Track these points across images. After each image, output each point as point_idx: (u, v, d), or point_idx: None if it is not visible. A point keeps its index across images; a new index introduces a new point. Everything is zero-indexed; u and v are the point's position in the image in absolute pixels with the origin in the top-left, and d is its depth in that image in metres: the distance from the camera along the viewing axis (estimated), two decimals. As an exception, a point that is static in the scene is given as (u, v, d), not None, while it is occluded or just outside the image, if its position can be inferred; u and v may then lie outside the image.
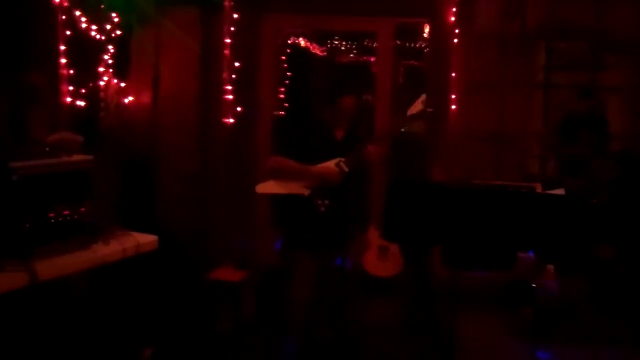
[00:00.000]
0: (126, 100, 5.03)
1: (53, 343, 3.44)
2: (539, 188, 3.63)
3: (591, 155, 5.66)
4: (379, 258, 6.07)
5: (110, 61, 4.76)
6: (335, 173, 4.14)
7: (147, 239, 4.00)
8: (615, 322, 4.34)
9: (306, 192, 4.16)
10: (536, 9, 6.44)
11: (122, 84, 4.96)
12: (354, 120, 4.37)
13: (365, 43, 8.92)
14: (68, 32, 4.27)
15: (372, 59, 8.61)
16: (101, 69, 4.72)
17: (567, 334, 4.25)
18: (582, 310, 4.18)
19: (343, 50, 9.04)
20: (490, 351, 4.54)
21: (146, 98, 5.26)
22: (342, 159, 4.18)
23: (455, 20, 6.05)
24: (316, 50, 8.52)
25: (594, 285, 4.29)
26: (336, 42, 8.91)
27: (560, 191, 3.33)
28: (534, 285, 3.49)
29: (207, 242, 5.62)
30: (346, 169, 4.17)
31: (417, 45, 8.62)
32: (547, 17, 6.42)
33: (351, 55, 9.00)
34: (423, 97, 4.40)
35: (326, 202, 4.18)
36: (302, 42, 8.04)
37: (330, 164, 4.17)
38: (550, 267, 3.40)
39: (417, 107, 4.36)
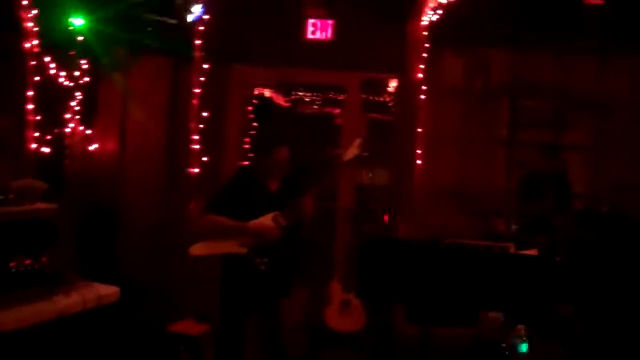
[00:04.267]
0: (91, 148, 4.95)
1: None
2: (512, 248, 3.63)
3: (554, 214, 5.74)
4: (341, 313, 6.00)
5: (77, 108, 4.69)
6: (272, 228, 3.97)
7: (108, 290, 3.94)
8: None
9: (243, 250, 3.99)
10: (500, 68, 6.58)
11: (88, 132, 4.88)
12: (289, 172, 4.22)
13: (330, 95, 8.99)
14: (37, 78, 4.20)
15: (336, 111, 8.71)
16: (68, 116, 4.66)
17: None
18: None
19: (306, 101, 9.09)
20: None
21: (112, 146, 5.19)
22: (279, 213, 4.01)
23: (422, 77, 6.13)
24: (280, 100, 8.57)
25: (559, 346, 4.31)
26: (300, 94, 8.95)
27: (533, 252, 3.35)
28: (503, 345, 3.48)
29: (169, 295, 5.50)
30: (284, 223, 4.00)
31: (382, 99, 8.71)
32: (511, 75, 6.56)
33: (314, 106, 9.05)
34: (358, 141, 4.29)
35: (265, 259, 4.01)
36: (266, 92, 8.08)
37: (267, 218, 4.00)
38: (521, 327, 3.41)
39: (352, 152, 4.23)
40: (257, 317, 4.18)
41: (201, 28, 5.50)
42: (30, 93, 4.20)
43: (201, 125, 5.61)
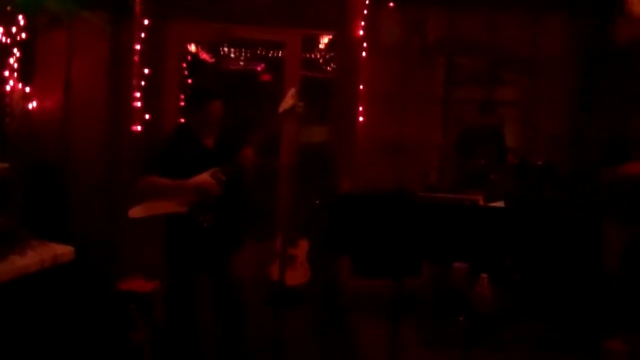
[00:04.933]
0: (30, 106, 4.80)
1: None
2: (481, 201, 3.73)
3: (490, 168, 5.93)
4: (287, 267, 6.06)
5: (15, 65, 4.54)
6: (212, 184, 3.92)
7: (64, 250, 3.89)
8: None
9: (184, 209, 3.95)
10: (437, 26, 6.68)
11: (27, 89, 4.73)
12: (224, 126, 4.17)
13: (257, 52, 8.96)
14: (-26, 35, 4.05)
15: (259, 67, 8.70)
16: (6, 74, 4.50)
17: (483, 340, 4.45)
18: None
19: (232, 57, 9.03)
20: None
21: (53, 104, 5.04)
22: (218, 169, 3.98)
23: (362, 34, 6.18)
24: (205, 56, 8.50)
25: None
26: (226, 50, 8.89)
27: (500, 204, 3.46)
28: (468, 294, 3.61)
29: (117, 252, 5.44)
30: (223, 178, 3.97)
31: (314, 56, 8.73)
32: (446, 33, 6.68)
33: (240, 62, 9.00)
34: (292, 91, 4.25)
35: (208, 216, 3.99)
36: (192, 48, 7.98)
37: (206, 175, 3.95)
38: (484, 276, 3.53)
39: (288, 102, 4.22)
40: (207, 274, 4.16)
41: (142, -18, 5.39)
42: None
43: (142, 83, 5.52)
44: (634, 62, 5.72)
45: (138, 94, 5.50)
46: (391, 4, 6.37)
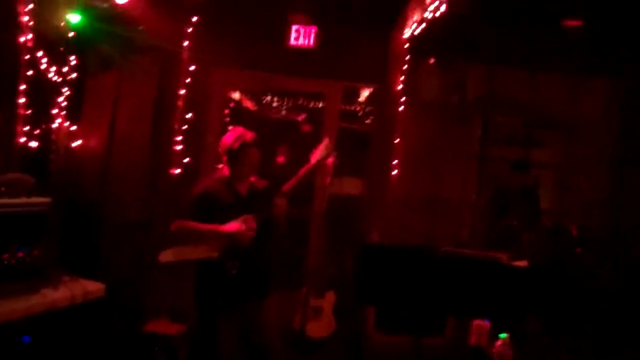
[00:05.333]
0: (74, 144, 4.94)
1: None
2: (504, 259, 3.72)
3: (522, 229, 5.90)
4: (312, 318, 6.07)
5: (64, 104, 4.69)
6: (242, 231, 3.95)
7: (95, 287, 3.96)
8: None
9: (215, 254, 3.97)
10: (476, 84, 6.74)
11: (74, 127, 4.88)
12: (259, 174, 4.23)
13: (299, 102, 9.07)
14: (29, 72, 4.20)
15: (300, 118, 8.79)
16: (55, 111, 4.66)
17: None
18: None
19: (274, 107, 9.15)
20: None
21: (98, 142, 5.19)
22: (249, 216, 4.00)
23: (402, 88, 6.25)
24: (247, 104, 8.62)
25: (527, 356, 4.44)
26: (268, 98, 9.01)
27: (523, 263, 3.46)
28: (492, 352, 3.58)
29: (145, 293, 5.51)
30: (254, 226, 3.99)
31: (353, 108, 8.82)
32: (485, 90, 6.73)
33: (283, 112, 9.11)
34: (326, 141, 4.34)
35: (237, 263, 4.00)
36: (236, 95, 8.13)
37: (238, 222, 3.97)
38: (506, 335, 3.51)
39: (321, 152, 4.28)
40: (233, 321, 4.16)
41: (190, 30, 5.55)
42: (22, 87, 4.20)
43: (184, 126, 5.65)
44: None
45: (179, 138, 5.61)
46: (431, 60, 6.45)
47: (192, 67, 5.63)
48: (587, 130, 6.67)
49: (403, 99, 6.27)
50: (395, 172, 6.29)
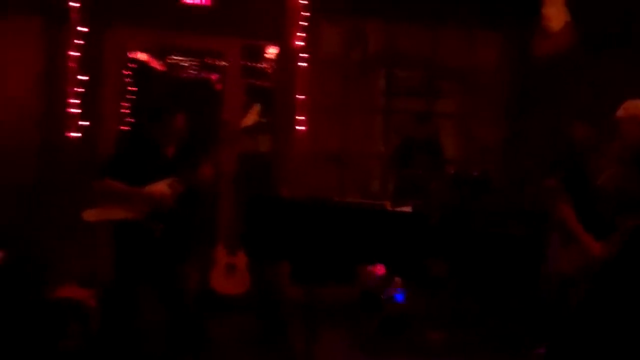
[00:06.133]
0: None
1: None
2: (388, 206, 3.81)
3: (427, 178, 6.05)
4: (227, 276, 6.08)
5: None
6: (167, 194, 3.98)
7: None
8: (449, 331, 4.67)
9: (139, 216, 3.98)
10: (376, 38, 6.81)
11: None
12: (185, 138, 4.24)
13: (206, 60, 8.92)
14: None
15: (213, 77, 8.67)
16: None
17: (408, 344, 4.53)
18: (422, 322, 4.47)
19: (184, 66, 8.98)
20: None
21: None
22: (175, 179, 4.03)
23: (301, 45, 6.25)
24: (155, 65, 8.43)
25: (431, 299, 4.59)
26: (176, 58, 8.83)
27: (407, 208, 3.54)
28: (381, 296, 3.68)
29: (49, 260, 5.38)
30: (180, 189, 4.02)
31: (260, 65, 8.74)
32: (386, 46, 6.81)
33: (191, 71, 8.95)
34: (257, 107, 4.34)
35: (160, 225, 4.01)
36: (142, 56, 7.93)
37: (162, 184, 4.00)
38: (398, 279, 3.61)
39: (251, 118, 4.28)
40: (154, 284, 4.18)
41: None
42: None
43: (80, 89, 5.49)
44: (553, 75, 5.94)
45: (74, 101, 5.45)
46: (331, 16, 6.46)
47: (84, 29, 5.44)
48: (483, 81, 6.88)
49: (303, 55, 6.28)
50: (301, 128, 6.31)
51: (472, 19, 6.60)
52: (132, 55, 7.37)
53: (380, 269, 3.79)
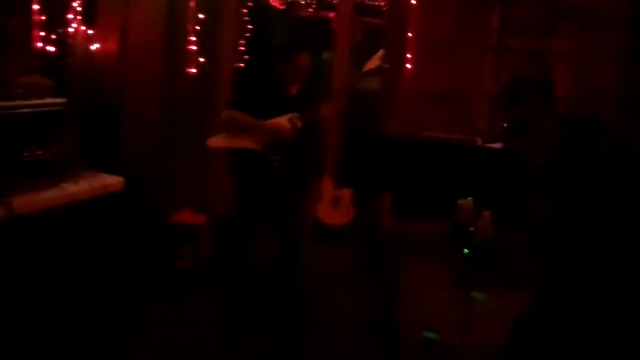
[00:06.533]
0: (93, 48, 5.15)
1: (27, 274, 3.66)
2: (479, 142, 3.90)
3: (536, 117, 5.99)
4: (332, 208, 6.35)
5: (79, 9, 4.87)
6: (288, 129, 4.19)
7: (114, 180, 4.25)
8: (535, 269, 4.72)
9: (259, 147, 4.23)
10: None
11: (90, 32, 5.07)
12: (309, 77, 4.42)
13: (324, -1, 9.01)
14: (42, -21, 4.40)
15: (332, 15, 8.77)
16: (70, 17, 4.84)
17: (498, 276, 4.66)
18: (512, 257, 4.56)
19: (302, 4, 9.10)
20: (430, 293, 4.94)
21: (113, 46, 5.36)
22: (296, 115, 4.24)
23: (414, -17, 6.27)
24: (275, 3, 8.60)
25: (529, 237, 4.64)
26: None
27: (498, 145, 3.61)
28: (471, 229, 3.81)
29: (168, 187, 5.82)
30: (299, 126, 4.23)
31: (377, 3, 8.76)
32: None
33: (310, 10, 9.07)
34: (381, 52, 4.47)
35: (279, 157, 4.26)
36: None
37: (284, 119, 4.21)
38: (487, 212, 3.72)
39: (374, 62, 4.44)
40: (270, 212, 4.46)
41: None
42: (35, -7, 4.39)
43: (198, 27, 5.79)
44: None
45: (193, 38, 5.77)
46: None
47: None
48: (602, 19, 6.62)
49: (416, -7, 6.30)
50: (409, 66, 6.39)
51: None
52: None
53: (471, 202, 3.91)
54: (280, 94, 4.33)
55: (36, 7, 4.42)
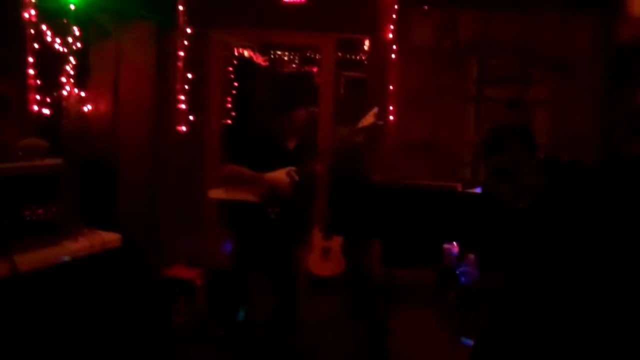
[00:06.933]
0: (85, 109, 5.30)
1: (27, 329, 3.73)
2: (459, 187, 4.04)
3: (517, 164, 6.18)
4: (322, 259, 6.46)
5: (71, 72, 5.02)
6: (286, 182, 4.33)
7: (111, 237, 4.35)
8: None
9: (257, 199, 4.36)
10: (468, 26, 6.98)
11: (82, 94, 5.23)
12: (305, 132, 4.60)
13: (307, 54, 9.26)
14: (36, 45, 4.54)
15: (314, 69, 8.98)
16: (63, 80, 4.99)
17: (485, 320, 4.74)
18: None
19: (285, 60, 9.33)
20: (419, 338, 5.02)
21: (104, 107, 5.53)
22: (293, 168, 4.37)
23: (392, 37, 6.53)
24: (259, 60, 8.81)
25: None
26: (279, 53, 9.20)
27: (477, 190, 3.78)
28: (457, 272, 3.95)
29: (161, 242, 5.93)
30: (297, 178, 4.36)
31: (358, 57, 9.02)
32: (478, 34, 6.97)
33: (293, 65, 9.29)
34: (375, 110, 4.63)
35: (276, 209, 4.39)
36: (246, 53, 8.35)
37: (282, 173, 4.35)
38: (472, 255, 3.87)
39: (368, 119, 4.59)
40: (266, 265, 4.57)
41: (183, -5, 5.87)
42: (30, 59, 4.54)
43: (186, 86, 5.98)
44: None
45: (182, 97, 5.95)
46: (425, 7, 6.69)
47: (189, 30, 5.93)
48: (577, 67, 6.89)
49: (394, 47, 6.55)
50: (391, 117, 6.59)
51: (565, 2, 6.65)
52: (237, 52, 7.85)
53: (455, 247, 4.05)
54: (279, 148, 4.48)
55: (31, 71, 4.56)
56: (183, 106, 5.95)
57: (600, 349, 2.38)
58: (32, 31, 4.53)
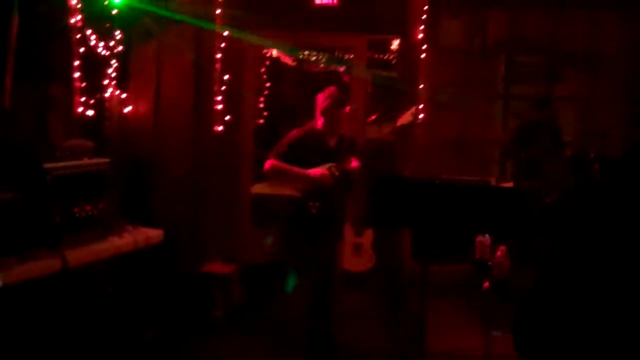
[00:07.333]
0: (126, 110, 5.49)
1: (74, 321, 3.91)
2: (493, 181, 4.14)
3: (544, 160, 6.27)
4: (353, 255, 6.59)
5: (113, 74, 5.22)
6: (327, 177, 4.50)
7: (154, 233, 4.55)
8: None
9: (298, 194, 4.55)
10: (496, 26, 7.06)
11: (123, 95, 5.42)
12: (344, 130, 4.77)
13: (335, 54, 9.37)
14: (81, 49, 4.75)
15: (341, 69, 9.10)
16: (106, 82, 5.18)
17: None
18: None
19: (312, 60, 9.44)
20: (454, 332, 5.15)
21: (145, 107, 5.71)
22: (334, 165, 4.54)
23: (422, 37, 6.64)
24: (287, 60, 8.95)
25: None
26: (306, 53, 9.31)
27: (509, 184, 3.90)
28: (490, 263, 4.07)
29: (199, 238, 6.12)
30: (337, 174, 4.53)
31: (386, 57, 9.11)
32: (507, 32, 7.04)
33: (321, 65, 9.41)
34: (413, 109, 4.82)
35: (317, 204, 4.55)
36: (274, 52, 8.49)
37: (324, 168, 4.52)
38: (502, 247, 3.99)
39: (407, 118, 4.76)
40: (308, 257, 4.69)
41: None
42: (76, 62, 4.75)
43: (223, 87, 6.16)
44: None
45: (219, 98, 6.13)
46: (452, 8, 6.79)
47: (226, 32, 6.10)
48: (605, 64, 6.94)
49: (424, 47, 6.66)
50: (421, 115, 6.70)
51: (595, 1, 6.72)
52: (265, 53, 8.01)
53: (487, 239, 4.17)
54: (322, 145, 4.64)
55: (77, 74, 4.76)
56: (220, 107, 6.11)
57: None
58: (78, 36, 4.74)
